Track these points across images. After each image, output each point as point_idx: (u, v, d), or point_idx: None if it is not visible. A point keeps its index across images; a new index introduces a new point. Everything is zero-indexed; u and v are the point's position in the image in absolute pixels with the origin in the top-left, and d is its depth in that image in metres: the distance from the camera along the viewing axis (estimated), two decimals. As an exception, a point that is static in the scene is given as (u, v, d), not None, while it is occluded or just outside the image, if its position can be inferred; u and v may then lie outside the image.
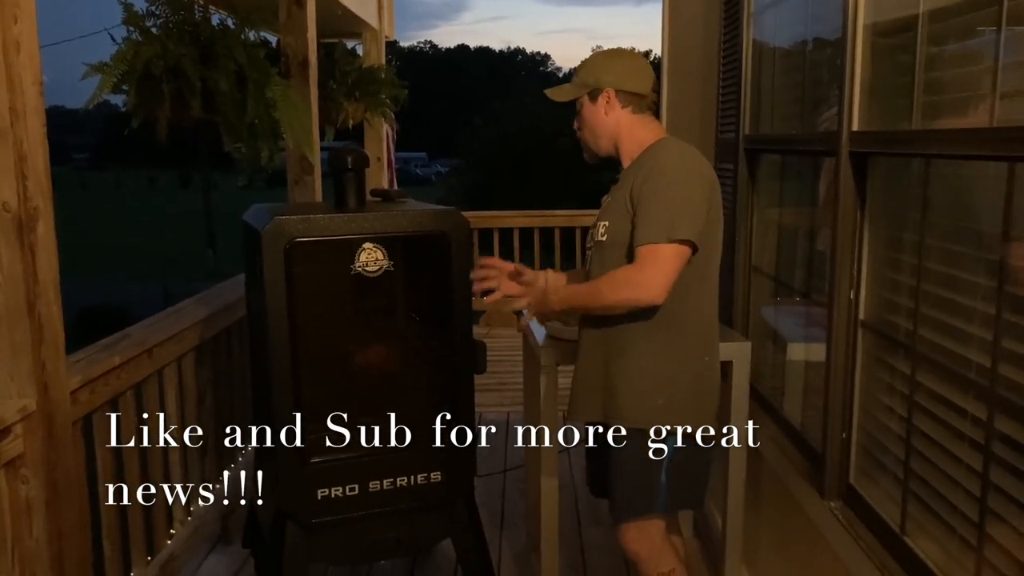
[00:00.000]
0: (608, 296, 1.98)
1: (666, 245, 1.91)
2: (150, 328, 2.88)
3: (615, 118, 2.14)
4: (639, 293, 1.93)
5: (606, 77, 2.14)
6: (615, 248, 2.05)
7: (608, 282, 1.99)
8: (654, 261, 1.92)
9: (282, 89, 2.98)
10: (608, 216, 2.10)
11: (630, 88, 2.13)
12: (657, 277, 1.91)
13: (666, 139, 2.14)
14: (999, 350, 1.48)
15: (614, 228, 2.06)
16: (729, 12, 3.04)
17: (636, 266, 1.94)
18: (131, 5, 2.80)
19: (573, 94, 2.18)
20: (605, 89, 2.13)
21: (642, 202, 1.97)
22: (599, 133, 2.17)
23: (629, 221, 2.01)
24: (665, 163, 2.02)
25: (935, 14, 1.74)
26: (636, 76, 2.15)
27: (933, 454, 1.72)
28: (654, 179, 1.98)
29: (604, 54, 2.21)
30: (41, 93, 1.93)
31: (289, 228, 2.34)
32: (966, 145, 1.60)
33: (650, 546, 2.16)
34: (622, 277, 1.97)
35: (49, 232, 1.97)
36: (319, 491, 2.48)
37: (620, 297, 1.97)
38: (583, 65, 2.20)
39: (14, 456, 1.93)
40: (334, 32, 5.32)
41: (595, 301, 2.03)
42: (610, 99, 2.13)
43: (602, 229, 2.10)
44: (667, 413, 2.05)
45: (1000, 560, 1.48)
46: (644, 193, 1.98)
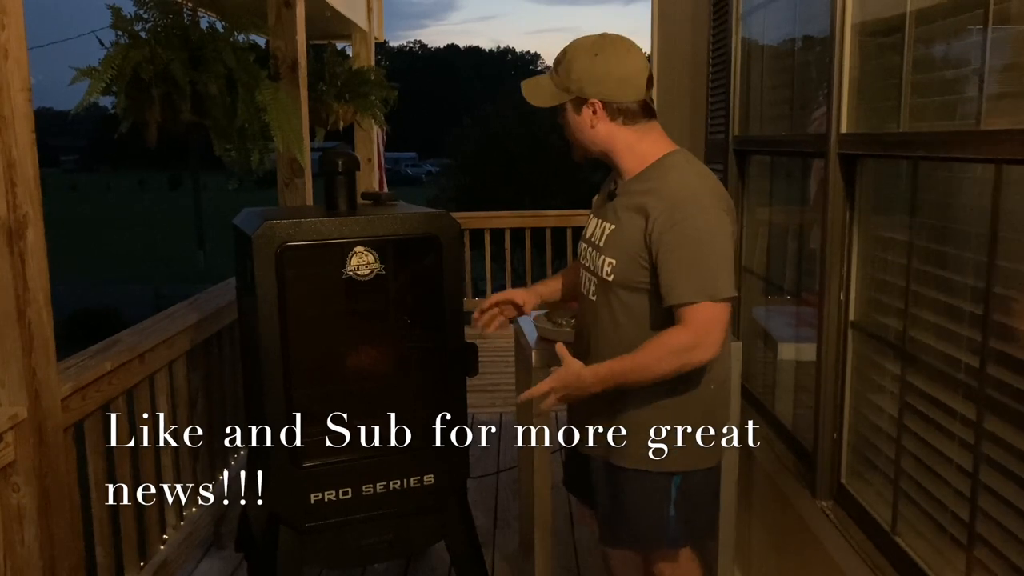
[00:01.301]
0: (658, 369, 1.78)
1: (711, 305, 1.75)
2: (141, 333, 2.87)
3: (606, 131, 1.90)
4: (691, 358, 1.77)
5: (591, 87, 1.86)
6: (626, 292, 1.88)
7: (655, 353, 1.78)
8: (702, 323, 1.75)
9: (272, 92, 2.97)
10: (616, 253, 1.88)
11: (620, 99, 1.87)
12: (709, 337, 1.76)
13: (674, 156, 1.91)
14: (988, 350, 1.49)
15: (625, 270, 1.86)
16: (718, 12, 3.05)
17: (683, 331, 1.76)
18: (119, 9, 2.79)
19: (553, 99, 1.92)
20: (590, 100, 1.87)
21: (671, 252, 1.77)
22: (587, 144, 1.94)
23: (643, 266, 1.83)
24: (689, 202, 1.80)
25: (922, 14, 1.75)
26: (627, 83, 1.87)
27: (923, 454, 1.73)
28: (681, 227, 1.76)
29: (589, 52, 1.87)
30: (29, 99, 1.92)
31: (280, 232, 2.34)
32: (953, 147, 1.61)
33: (673, 568, 2.10)
34: (670, 345, 1.77)
35: (39, 239, 1.96)
36: (312, 495, 2.48)
37: (672, 367, 1.78)
38: (564, 63, 1.89)
39: (5, 464, 1.93)
40: (323, 34, 5.31)
41: (643, 376, 1.80)
42: (597, 111, 1.88)
43: (607, 267, 1.89)
44: (684, 456, 1.94)
45: (990, 559, 1.49)
46: (671, 243, 1.77)
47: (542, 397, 1.88)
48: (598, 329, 1.98)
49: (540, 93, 1.94)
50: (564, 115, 1.94)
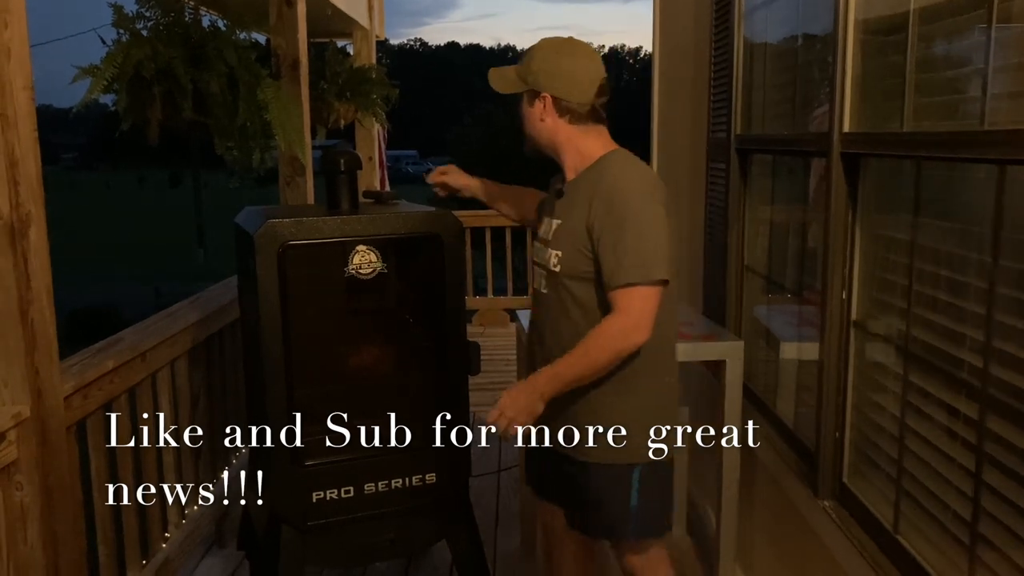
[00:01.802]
0: (600, 356, 1.89)
1: (644, 287, 1.86)
2: (143, 332, 2.87)
3: (552, 126, 2.01)
4: (627, 342, 1.87)
5: (545, 80, 1.98)
6: (571, 281, 1.99)
7: (595, 343, 1.89)
8: (635, 306, 1.86)
9: (273, 90, 2.98)
10: (562, 245, 2.00)
11: (569, 98, 1.98)
12: (641, 320, 1.86)
13: (615, 154, 2.03)
14: (990, 350, 1.49)
15: (570, 260, 1.98)
16: (720, 10, 3.05)
17: (618, 315, 1.87)
18: (121, 7, 2.79)
19: (512, 87, 2.04)
20: (543, 94, 1.99)
21: (607, 237, 1.89)
22: (534, 135, 2.06)
23: (586, 255, 1.94)
24: (626, 192, 1.92)
25: (925, 12, 1.75)
26: (578, 85, 1.98)
27: (926, 453, 1.73)
28: (618, 213, 1.89)
29: (551, 50, 2.00)
30: (32, 98, 1.92)
31: (282, 231, 2.34)
32: (956, 147, 1.61)
33: (644, 565, 2.15)
34: (606, 332, 1.88)
35: (41, 238, 1.96)
36: (314, 494, 2.48)
37: (612, 352, 1.88)
38: (529, 54, 2.03)
39: (8, 462, 1.93)
40: (325, 32, 5.31)
41: (588, 367, 1.90)
42: (547, 106, 1.99)
43: (555, 259, 2.01)
44: (634, 448, 2.02)
45: (992, 558, 1.49)
46: (608, 227, 1.89)
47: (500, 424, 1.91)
48: (549, 320, 2.07)
49: (503, 80, 2.07)
50: (521, 105, 2.06)
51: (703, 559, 3.12)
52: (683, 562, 3.15)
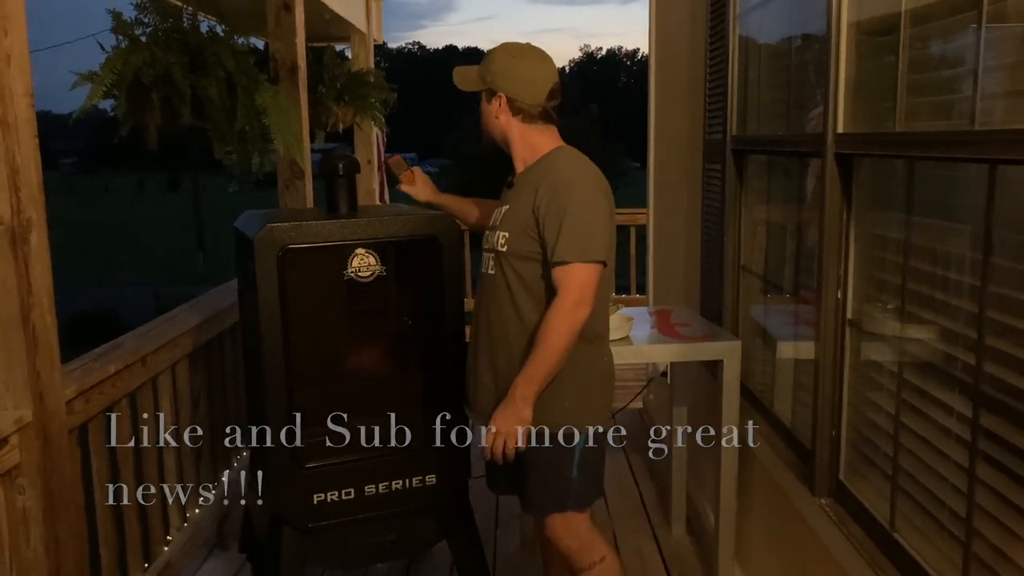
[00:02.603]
0: (559, 340, 2.00)
1: (583, 265, 2.00)
2: (144, 336, 2.88)
3: (505, 123, 2.17)
4: (575, 318, 2.00)
5: (501, 81, 2.15)
6: (516, 260, 2.11)
7: (548, 331, 2.00)
8: (576, 283, 2.00)
9: (271, 95, 2.99)
10: (508, 227, 2.13)
11: (522, 99, 2.14)
12: (584, 295, 2.00)
13: (561, 149, 2.18)
14: (983, 347, 1.51)
15: (515, 242, 2.11)
16: (715, 12, 3.07)
17: (562, 295, 2.00)
18: (120, 13, 2.81)
19: (471, 86, 2.21)
20: (499, 93, 2.15)
21: (550, 221, 2.02)
22: (490, 130, 2.22)
23: (531, 236, 2.07)
24: (568, 180, 2.08)
25: (917, 13, 1.76)
26: (531, 88, 2.14)
27: (921, 450, 1.75)
28: (561, 199, 2.03)
29: (509, 53, 2.18)
30: (32, 105, 1.93)
31: (281, 235, 2.36)
32: (948, 147, 1.62)
33: (577, 539, 2.20)
34: (556, 315, 2.00)
35: (42, 243, 1.97)
36: (315, 495, 2.49)
37: (567, 332, 2.00)
38: (489, 57, 2.20)
39: (10, 467, 1.94)
40: (322, 36, 5.32)
41: (554, 355, 2.01)
42: (502, 104, 2.15)
43: (502, 239, 2.14)
44: (578, 414, 2.12)
45: (987, 554, 1.50)
46: (551, 212, 2.03)
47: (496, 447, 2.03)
48: (495, 300, 2.18)
49: (466, 79, 2.22)
50: (480, 103, 2.22)
51: (702, 557, 3.13)
52: (682, 560, 3.16)
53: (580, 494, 2.16)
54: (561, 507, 2.17)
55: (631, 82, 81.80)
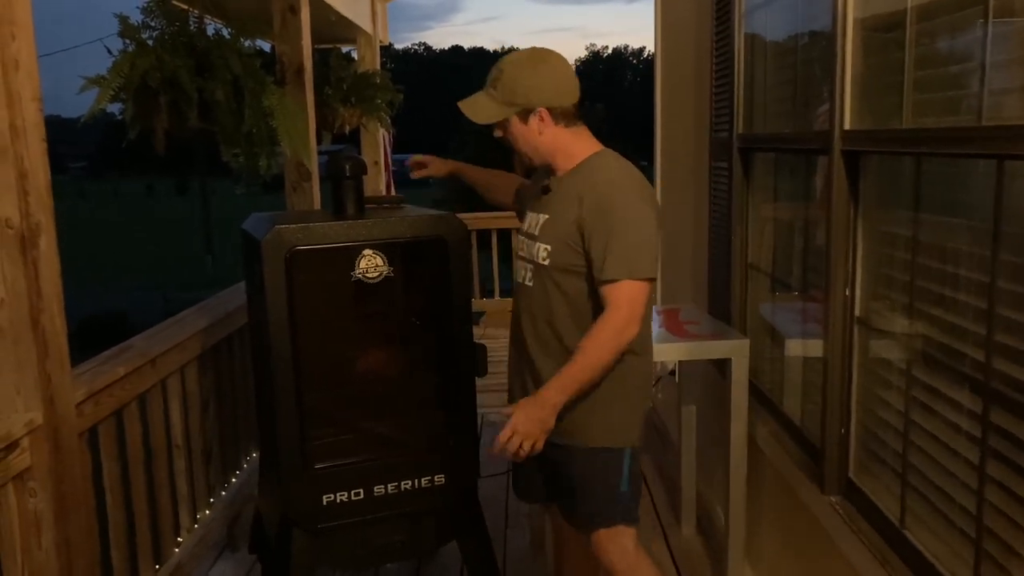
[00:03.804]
0: (603, 356, 1.93)
1: (634, 283, 1.92)
2: (153, 339, 2.89)
3: (551, 136, 2.05)
4: (623, 336, 1.92)
5: (537, 95, 2.02)
6: (559, 273, 2.03)
7: (594, 345, 1.92)
8: (627, 300, 1.92)
9: (278, 97, 3.00)
10: (551, 240, 2.04)
11: (563, 104, 2.04)
12: (633, 313, 1.92)
13: (602, 155, 2.09)
14: (993, 344, 1.50)
15: (558, 255, 2.02)
16: (721, 10, 3.06)
17: (612, 312, 1.92)
18: (127, 17, 2.82)
19: (501, 114, 2.06)
20: (537, 109, 2.02)
21: (597, 236, 1.94)
22: (531, 151, 2.09)
23: (575, 250, 1.99)
24: (614, 192, 1.98)
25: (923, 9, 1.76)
26: (567, 89, 2.05)
27: (931, 448, 1.74)
28: (607, 212, 1.94)
29: (528, 65, 2.05)
30: (40, 109, 1.94)
31: (289, 237, 2.36)
32: (955, 143, 1.62)
33: (624, 556, 2.13)
34: (604, 330, 1.92)
35: (51, 247, 1.98)
36: (324, 496, 2.49)
37: (613, 349, 1.93)
38: (506, 79, 2.03)
39: (22, 469, 1.95)
40: (329, 38, 5.33)
41: (594, 370, 1.93)
42: (544, 118, 2.03)
43: (543, 252, 2.06)
44: (628, 428, 2.09)
45: (998, 551, 1.50)
46: (597, 227, 1.94)
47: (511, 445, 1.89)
48: (533, 312, 2.11)
49: (484, 111, 2.06)
50: (509, 128, 2.07)
51: (712, 557, 3.13)
52: (692, 560, 3.16)
53: (629, 508, 2.12)
54: (611, 522, 2.11)
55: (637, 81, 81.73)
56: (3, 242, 1.89)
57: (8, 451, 1.89)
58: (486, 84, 2.08)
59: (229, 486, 3.40)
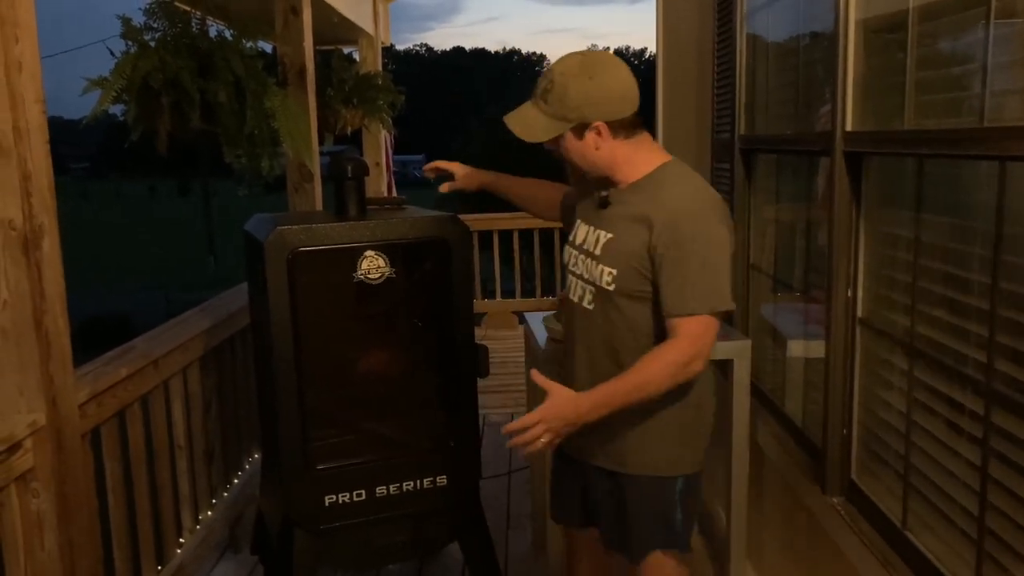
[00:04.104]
0: (659, 385, 1.78)
1: (707, 317, 1.78)
2: (155, 340, 2.90)
3: (609, 150, 1.87)
4: (686, 372, 1.79)
5: (593, 109, 1.83)
6: (626, 300, 1.88)
7: (654, 370, 1.78)
8: (698, 335, 1.78)
9: (280, 99, 3.01)
10: (616, 263, 1.87)
11: (622, 115, 1.85)
12: (702, 350, 1.79)
13: (670, 167, 1.91)
14: (994, 345, 1.50)
15: (625, 281, 1.86)
16: (722, 12, 3.06)
17: (680, 344, 1.77)
18: (129, 19, 2.83)
19: (553, 131, 1.87)
20: (593, 124, 1.84)
21: (669, 265, 1.79)
22: (588, 166, 1.92)
23: (644, 276, 1.83)
24: (691, 215, 1.81)
25: (925, 10, 1.76)
26: (627, 99, 1.86)
27: (933, 449, 1.74)
28: (684, 240, 1.78)
29: (582, 76, 1.83)
30: (44, 111, 1.95)
31: (291, 238, 2.37)
32: (957, 144, 1.62)
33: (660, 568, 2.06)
34: (669, 360, 1.78)
35: (54, 248, 1.99)
36: (326, 497, 2.50)
37: (670, 382, 1.79)
38: (558, 91, 1.83)
39: (25, 470, 1.95)
40: (331, 39, 5.34)
41: (643, 396, 1.79)
42: (601, 132, 1.85)
43: (607, 276, 1.88)
44: (680, 459, 1.99)
45: (1000, 552, 1.50)
46: (673, 256, 1.78)
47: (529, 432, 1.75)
48: (594, 337, 1.97)
49: (534, 128, 1.88)
50: (563, 143, 1.89)
51: (714, 558, 3.12)
52: (694, 561, 3.15)
53: (680, 537, 2.01)
54: (658, 550, 2.01)
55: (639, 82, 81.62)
56: (6, 243, 1.90)
57: (11, 452, 1.89)
58: (535, 95, 1.89)
59: (231, 487, 3.41)
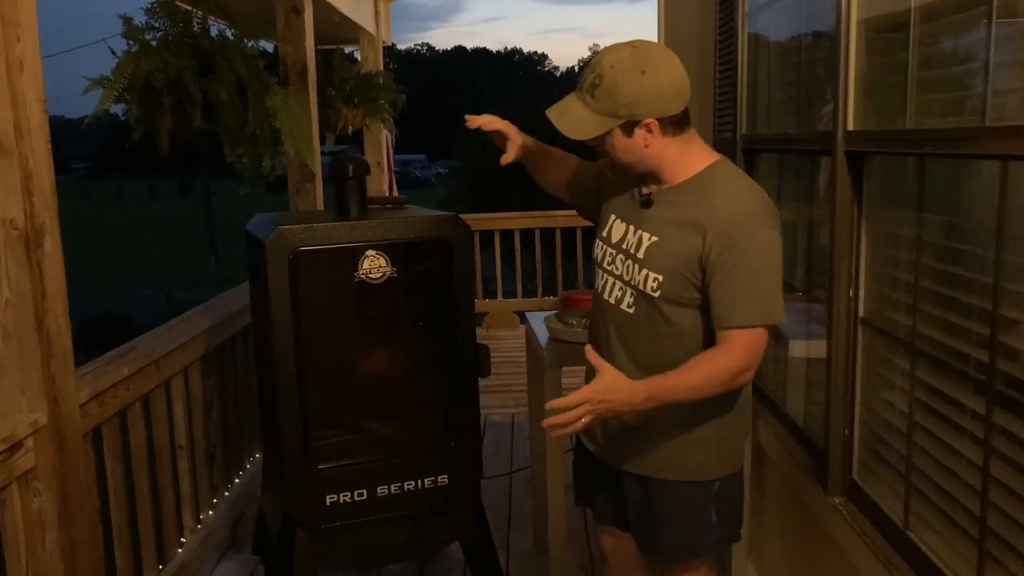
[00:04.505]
0: (709, 390, 1.75)
1: (760, 330, 1.75)
2: (157, 339, 2.90)
3: (658, 147, 1.79)
4: (736, 382, 1.77)
5: (644, 106, 1.74)
6: (671, 307, 1.82)
7: (709, 374, 1.74)
8: (752, 347, 1.75)
9: (282, 98, 3.01)
10: (662, 269, 1.81)
11: (674, 111, 1.78)
12: (753, 361, 1.76)
13: (721, 168, 1.87)
14: (996, 345, 1.50)
15: (672, 288, 1.80)
16: (724, 10, 3.06)
17: (735, 354, 1.74)
18: (131, 18, 2.83)
19: (601, 128, 1.78)
20: (644, 121, 1.76)
21: (728, 275, 1.74)
22: (636, 164, 1.84)
23: (693, 284, 1.79)
24: (745, 222, 1.77)
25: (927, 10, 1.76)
26: (679, 94, 1.78)
27: (934, 449, 1.74)
28: (738, 249, 1.74)
29: (632, 70, 1.73)
30: (45, 110, 1.95)
31: (292, 237, 2.37)
32: (959, 144, 1.62)
33: None
34: (725, 369, 1.74)
35: (56, 247, 1.99)
36: (327, 497, 2.50)
37: (720, 390, 1.76)
38: (607, 86, 1.74)
39: (26, 470, 1.96)
40: (332, 39, 5.34)
41: (694, 395, 1.75)
42: (652, 129, 1.77)
43: (652, 282, 1.81)
44: (723, 458, 1.97)
45: (1001, 552, 1.50)
46: (728, 266, 1.74)
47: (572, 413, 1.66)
48: (637, 341, 1.90)
49: (581, 124, 1.79)
50: (609, 140, 1.81)
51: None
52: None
53: (717, 541, 2.00)
54: (699, 554, 2.01)
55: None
56: (8, 243, 1.90)
57: (12, 451, 1.90)
58: (580, 89, 1.79)
59: (232, 486, 3.41)
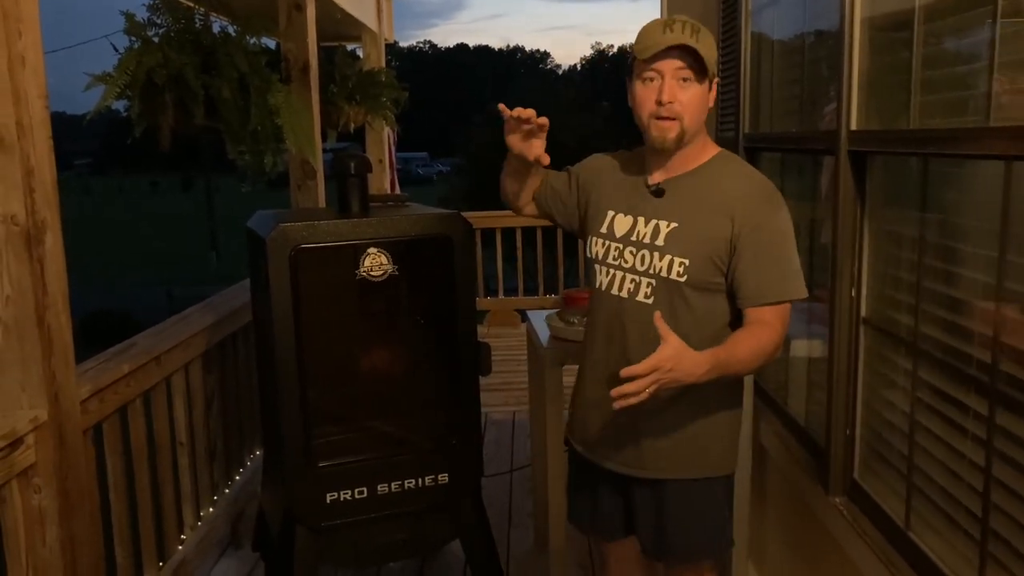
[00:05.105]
0: (753, 366, 1.77)
1: (788, 306, 1.78)
2: (157, 336, 2.90)
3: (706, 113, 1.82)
4: (773, 357, 1.77)
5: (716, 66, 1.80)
6: (695, 292, 1.80)
7: (756, 349, 1.73)
8: (784, 322, 1.77)
9: (284, 95, 3.00)
10: (688, 253, 1.79)
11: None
12: (784, 335, 1.78)
13: (727, 155, 1.90)
14: (999, 345, 1.50)
15: (699, 272, 1.79)
16: (727, 9, 3.06)
17: (774, 331, 1.75)
18: (133, 15, 2.83)
19: (715, 65, 1.79)
20: (715, 79, 1.81)
21: (758, 253, 1.76)
22: (695, 124, 1.80)
23: (720, 268, 1.79)
24: (769, 205, 1.80)
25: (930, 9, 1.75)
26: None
27: (936, 449, 1.74)
28: (765, 229, 1.77)
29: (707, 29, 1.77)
30: (46, 106, 1.94)
31: (293, 234, 2.36)
32: (962, 144, 1.61)
33: None
34: (769, 344, 1.73)
35: (57, 244, 1.99)
36: (328, 494, 2.50)
37: (760, 364, 1.77)
38: (705, 34, 1.75)
39: (26, 466, 1.95)
40: (334, 36, 5.34)
41: (741, 370, 1.76)
42: (714, 90, 1.81)
43: (678, 267, 1.79)
44: (734, 454, 1.97)
45: (1002, 553, 1.49)
46: (758, 244, 1.76)
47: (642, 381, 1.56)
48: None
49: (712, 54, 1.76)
50: (696, 92, 1.76)
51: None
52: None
53: (729, 535, 1.99)
54: (715, 553, 1.98)
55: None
56: (9, 239, 1.90)
57: (13, 448, 1.89)
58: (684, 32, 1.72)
59: (233, 483, 3.41)
